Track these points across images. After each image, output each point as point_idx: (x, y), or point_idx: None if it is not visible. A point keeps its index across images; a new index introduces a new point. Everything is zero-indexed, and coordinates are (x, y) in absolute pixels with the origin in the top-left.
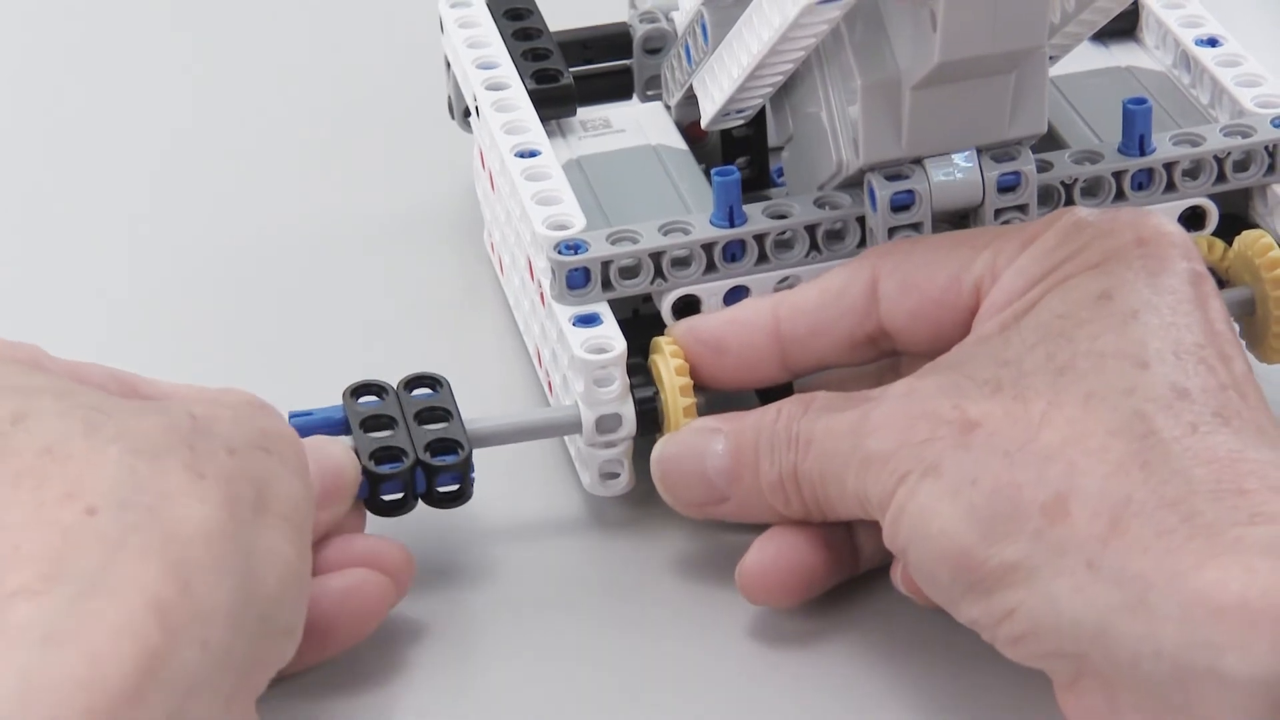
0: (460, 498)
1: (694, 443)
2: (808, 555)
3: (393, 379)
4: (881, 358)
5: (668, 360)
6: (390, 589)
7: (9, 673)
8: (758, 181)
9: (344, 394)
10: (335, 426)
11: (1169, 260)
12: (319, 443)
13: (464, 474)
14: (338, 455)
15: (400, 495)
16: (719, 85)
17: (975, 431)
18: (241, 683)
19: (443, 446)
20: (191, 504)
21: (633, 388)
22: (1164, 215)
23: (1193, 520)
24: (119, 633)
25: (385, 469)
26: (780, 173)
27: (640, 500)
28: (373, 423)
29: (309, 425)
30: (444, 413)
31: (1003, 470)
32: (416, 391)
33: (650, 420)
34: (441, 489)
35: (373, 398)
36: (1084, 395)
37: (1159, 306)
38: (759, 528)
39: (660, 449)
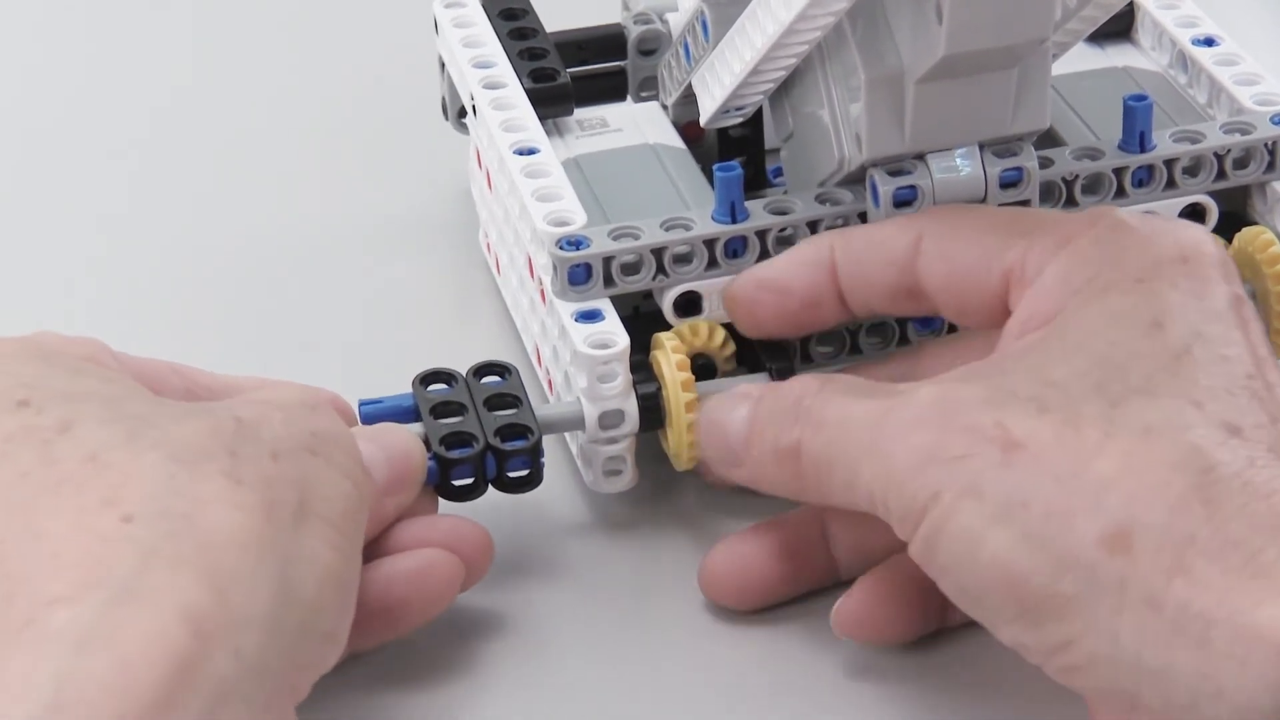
0: (530, 483)
1: (726, 403)
2: (768, 565)
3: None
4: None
5: (669, 356)
6: (460, 571)
7: (42, 678)
8: (755, 181)
9: (413, 381)
10: (405, 414)
11: (1212, 283)
12: (386, 430)
13: (534, 459)
14: (404, 442)
15: (471, 480)
16: (719, 82)
17: (1019, 452)
18: (278, 689)
19: (513, 432)
20: (227, 511)
21: (635, 384)
22: (1203, 231)
23: (1256, 559)
24: (150, 640)
25: (456, 454)
26: (777, 173)
27: (643, 498)
28: (443, 409)
29: (378, 412)
30: (513, 399)
31: (1055, 495)
32: (486, 379)
33: (653, 416)
34: (511, 474)
35: (442, 385)
36: (1142, 429)
37: (1210, 339)
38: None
39: (706, 404)
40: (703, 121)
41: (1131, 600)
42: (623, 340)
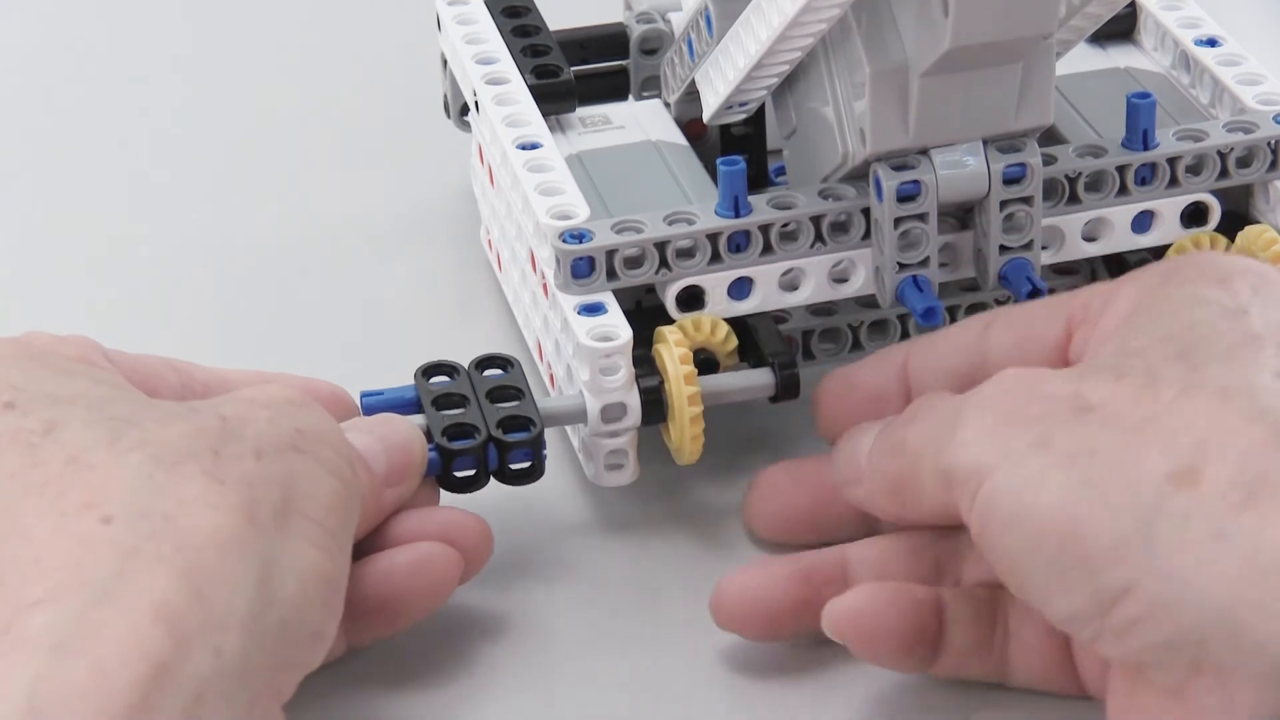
0: (532, 475)
1: (863, 426)
2: (783, 590)
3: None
4: None
5: (672, 350)
6: (457, 563)
7: (18, 683)
8: (757, 180)
9: (415, 374)
10: (406, 405)
11: None
12: (385, 421)
13: (536, 451)
14: (404, 433)
15: (473, 472)
16: (723, 77)
17: (1093, 411)
18: (262, 688)
19: (514, 424)
20: (208, 511)
21: (637, 378)
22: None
23: None
24: (126, 641)
25: (458, 445)
26: (779, 172)
27: (644, 492)
28: (444, 401)
29: (380, 404)
30: (515, 392)
31: (1127, 439)
32: (488, 371)
33: (655, 410)
34: (513, 465)
35: (444, 377)
36: (1220, 389)
37: None
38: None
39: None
40: (706, 117)
41: (1196, 534)
42: (625, 333)
